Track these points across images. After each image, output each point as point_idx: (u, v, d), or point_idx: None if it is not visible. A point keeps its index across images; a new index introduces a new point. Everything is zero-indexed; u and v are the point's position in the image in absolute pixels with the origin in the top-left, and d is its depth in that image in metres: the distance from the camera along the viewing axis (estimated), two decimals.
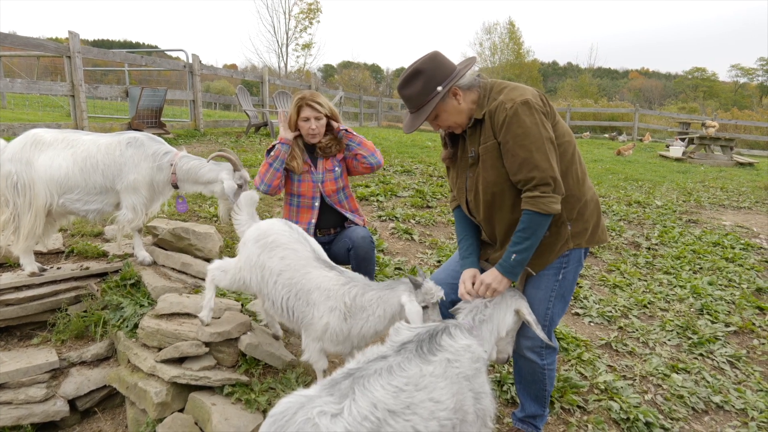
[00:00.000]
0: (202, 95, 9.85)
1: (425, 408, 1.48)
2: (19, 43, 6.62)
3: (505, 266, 1.97)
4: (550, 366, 2.21)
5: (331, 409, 1.34)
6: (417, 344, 1.65)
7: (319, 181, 3.15)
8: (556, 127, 2.00)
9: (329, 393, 1.40)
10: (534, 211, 1.87)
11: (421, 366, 1.57)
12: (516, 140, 1.88)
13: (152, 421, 2.58)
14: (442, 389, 1.56)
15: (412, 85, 1.99)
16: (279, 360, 2.70)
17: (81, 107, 6.93)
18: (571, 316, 3.77)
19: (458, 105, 2.01)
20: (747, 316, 3.88)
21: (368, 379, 1.45)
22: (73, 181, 3.17)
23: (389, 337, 1.73)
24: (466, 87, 2.02)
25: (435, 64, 1.98)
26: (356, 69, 52.74)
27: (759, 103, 42.22)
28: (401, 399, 1.45)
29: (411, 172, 7.36)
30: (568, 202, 2.02)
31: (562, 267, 2.09)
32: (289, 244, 2.38)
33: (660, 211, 6.58)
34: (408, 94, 2.01)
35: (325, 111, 3.05)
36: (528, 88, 1.98)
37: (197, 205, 4.81)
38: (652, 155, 14.03)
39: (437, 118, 2.05)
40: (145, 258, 3.50)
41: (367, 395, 1.40)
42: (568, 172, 2.02)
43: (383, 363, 1.54)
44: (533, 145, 1.86)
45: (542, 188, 1.86)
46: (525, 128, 1.86)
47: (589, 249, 2.19)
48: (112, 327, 3.06)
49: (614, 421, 2.63)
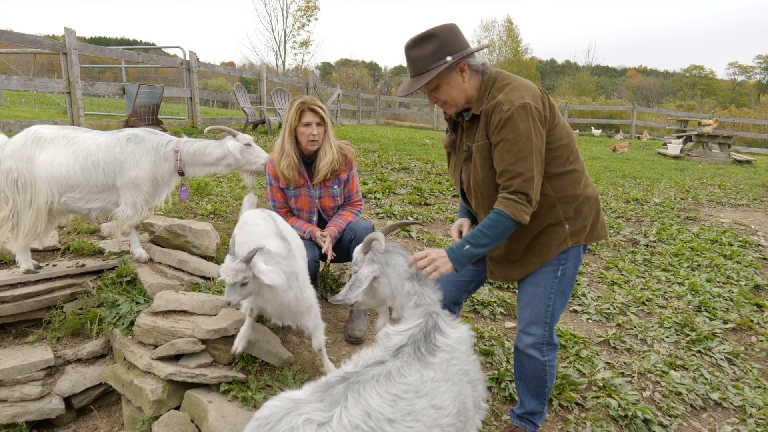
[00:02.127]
0: (199, 92, 9.81)
1: (428, 415, 1.41)
2: (15, 39, 6.57)
3: (455, 252, 1.88)
4: (551, 362, 2.21)
5: (319, 417, 1.25)
6: (413, 347, 1.58)
7: (317, 197, 3.14)
8: (556, 128, 1.98)
9: (320, 399, 1.32)
10: (505, 213, 1.85)
11: (422, 371, 1.49)
12: (505, 144, 1.86)
13: (148, 419, 2.57)
14: (444, 394, 1.49)
15: (423, 46, 1.90)
16: (276, 357, 2.69)
17: (77, 104, 6.89)
18: (570, 313, 3.76)
19: (462, 83, 1.96)
20: (745, 313, 3.87)
21: (364, 386, 1.37)
22: (74, 179, 3.15)
23: (381, 342, 1.64)
24: (474, 68, 1.96)
25: (452, 33, 1.91)
26: (354, 67, 52.65)
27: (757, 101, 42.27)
28: (400, 407, 1.37)
29: (409, 169, 7.34)
30: (565, 202, 2.02)
31: (561, 264, 2.08)
32: (256, 222, 2.63)
33: (658, 209, 6.58)
34: (415, 55, 1.91)
35: (326, 117, 3.00)
36: (530, 88, 1.93)
37: (194, 203, 4.79)
38: (650, 153, 14.04)
39: (437, 89, 1.98)
40: (141, 255, 3.48)
41: (361, 403, 1.32)
42: (567, 173, 2.01)
43: (381, 368, 1.46)
44: (521, 153, 1.84)
45: (519, 196, 1.85)
46: (516, 134, 1.84)
47: (588, 245, 2.18)
48: (108, 324, 3.04)
49: (612, 419, 2.62)
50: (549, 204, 2.02)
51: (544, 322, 2.11)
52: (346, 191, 3.22)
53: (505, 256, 2.17)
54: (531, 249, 2.09)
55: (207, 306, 2.89)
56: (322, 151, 3.05)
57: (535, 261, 2.08)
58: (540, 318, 2.11)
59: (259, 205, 3.14)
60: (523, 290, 2.18)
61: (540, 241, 2.07)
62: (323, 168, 3.02)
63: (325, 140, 3.05)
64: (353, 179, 3.23)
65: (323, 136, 3.03)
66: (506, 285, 4.04)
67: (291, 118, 2.97)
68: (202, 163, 3.37)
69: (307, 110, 2.94)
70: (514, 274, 2.17)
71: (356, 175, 3.26)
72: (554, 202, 2.02)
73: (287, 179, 3.05)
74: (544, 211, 2.02)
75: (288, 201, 3.20)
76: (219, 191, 5.30)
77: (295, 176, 3.05)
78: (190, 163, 3.35)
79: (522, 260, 2.12)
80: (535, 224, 2.03)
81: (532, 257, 2.08)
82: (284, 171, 3.02)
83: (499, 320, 3.55)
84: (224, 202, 4.95)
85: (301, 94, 8.73)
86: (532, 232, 2.06)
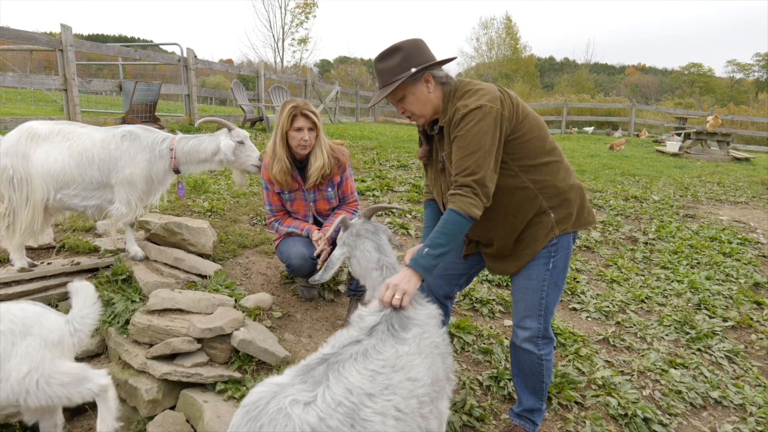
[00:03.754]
0: (197, 90, 9.76)
1: (404, 388, 1.48)
2: (11, 36, 6.51)
3: (417, 261, 1.88)
4: (548, 357, 2.21)
5: (304, 397, 1.32)
6: (387, 324, 1.66)
7: (311, 200, 3.14)
8: (525, 122, 2.01)
9: (302, 380, 1.38)
10: (455, 210, 1.85)
11: (396, 347, 1.58)
12: (456, 142, 1.92)
13: (143, 419, 2.54)
14: (418, 366, 1.57)
15: (389, 59, 1.99)
16: (272, 356, 2.66)
17: (74, 101, 6.84)
18: (569, 312, 3.74)
19: (427, 93, 2.02)
20: (745, 310, 3.86)
21: (343, 365, 1.44)
22: (69, 176, 3.11)
23: (355, 323, 1.72)
24: (438, 80, 2.02)
25: (416, 47, 1.99)
26: (353, 64, 52.56)
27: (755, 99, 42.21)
28: (378, 382, 1.44)
29: (407, 166, 7.32)
30: (545, 192, 2.05)
31: (552, 256, 2.10)
32: None
33: (657, 206, 6.56)
34: (382, 68, 2.00)
35: (318, 122, 2.97)
36: (488, 91, 1.96)
37: (191, 200, 4.75)
38: (648, 150, 14.03)
39: (403, 99, 2.03)
40: (137, 253, 3.44)
41: (342, 381, 1.39)
42: (545, 164, 2.05)
43: (358, 347, 1.53)
44: (468, 149, 1.88)
45: (464, 189, 1.87)
46: (466, 131, 1.89)
47: (577, 233, 2.21)
48: (103, 323, 3.01)
49: (612, 417, 2.61)
50: (530, 196, 2.05)
51: (538, 315, 2.13)
52: (341, 193, 3.21)
53: (498, 252, 2.20)
54: (520, 242, 2.13)
55: (203, 304, 2.86)
56: (313, 156, 3.02)
57: (526, 252, 2.11)
58: (534, 311, 2.13)
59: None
60: (515, 284, 2.20)
61: (527, 233, 2.10)
62: (313, 174, 3.01)
63: (316, 145, 3.01)
64: (347, 181, 3.20)
65: (315, 141, 3.00)
66: (505, 283, 4.02)
67: (283, 122, 2.93)
68: (196, 160, 3.34)
69: (300, 115, 2.91)
70: (510, 267, 2.19)
71: (350, 176, 3.23)
72: (535, 194, 2.05)
73: (280, 184, 3.04)
74: (526, 204, 2.06)
75: (284, 204, 3.19)
76: (216, 189, 5.27)
77: (288, 180, 3.03)
78: (185, 161, 3.32)
79: (514, 254, 2.15)
80: (520, 217, 2.08)
81: (522, 249, 2.12)
82: (277, 176, 3.00)
83: (497, 318, 3.53)
84: (221, 199, 4.92)
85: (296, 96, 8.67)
86: (520, 225, 2.10)
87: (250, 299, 3.06)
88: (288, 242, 3.12)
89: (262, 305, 3.05)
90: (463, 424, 2.46)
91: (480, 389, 2.75)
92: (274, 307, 3.16)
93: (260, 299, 3.07)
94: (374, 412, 1.38)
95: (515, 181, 2.03)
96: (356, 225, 2.13)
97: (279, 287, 3.46)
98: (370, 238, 2.07)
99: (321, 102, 13.72)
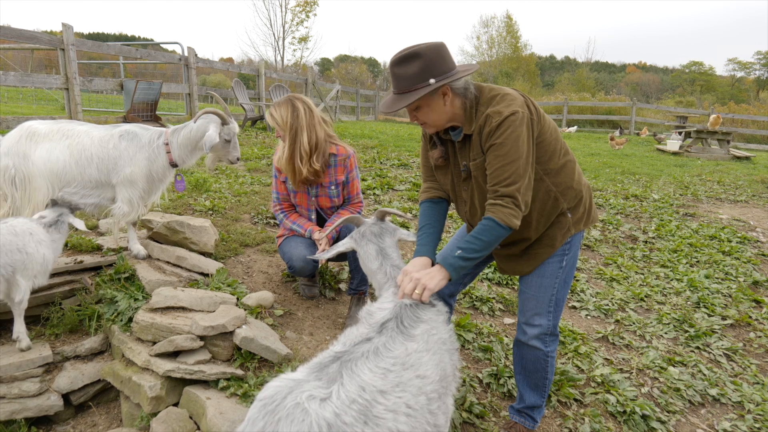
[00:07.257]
0: (198, 88, 9.78)
1: (413, 385, 1.52)
2: (12, 35, 6.53)
3: (447, 259, 1.89)
4: (553, 354, 2.24)
5: (320, 393, 1.35)
6: (396, 321, 1.69)
7: (313, 195, 3.16)
8: (545, 126, 2.01)
9: (317, 377, 1.42)
10: (494, 220, 1.86)
11: (405, 344, 1.61)
12: (494, 150, 1.88)
13: (147, 416, 2.56)
14: (427, 363, 1.60)
15: (408, 65, 1.88)
16: (274, 354, 2.68)
17: (75, 100, 6.86)
18: (568, 309, 3.76)
19: (443, 106, 1.95)
20: (743, 309, 3.88)
21: (356, 363, 1.48)
22: (70, 174, 3.14)
23: (365, 319, 1.75)
24: (457, 91, 1.95)
25: (437, 54, 1.88)
26: (353, 63, 52.52)
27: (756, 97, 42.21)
28: (390, 379, 1.47)
29: (408, 165, 7.33)
30: (565, 194, 2.07)
31: (565, 254, 2.13)
32: None
33: (657, 205, 6.57)
34: (399, 73, 1.89)
35: (280, 122, 2.97)
36: (515, 96, 1.94)
37: (192, 199, 4.78)
38: (649, 149, 14.03)
39: (418, 109, 1.97)
40: (139, 251, 3.47)
41: (355, 379, 1.42)
42: (564, 166, 2.06)
43: (369, 345, 1.56)
44: (507, 158, 1.85)
45: (505, 200, 1.86)
46: (504, 139, 1.86)
47: (584, 230, 2.25)
48: (107, 321, 3.03)
49: (611, 414, 2.63)
50: (553, 198, 2.06)
51: (548, 312, 2.15)
52: (346, 192, 3.21)
53: (515, 253, 2.20)
54: (538, 242, 2.14)
55: (205, 302, 2.89)
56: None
57: (542, 252, 2.12)
58: (544, 308, 2.16)
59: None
60: (526, 282, 2.20)
61: (546, 233, 2.12)
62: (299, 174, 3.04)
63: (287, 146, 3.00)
64: (353, 182, 3.20)
65: (285, 140, 2.99)
66: (505, 281, 4.04)
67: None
68: (190, 149, 3.35)
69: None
70: (526, 267, 2.18)
71: (357, 177, 3.23)
72: (557, 196, 2.06)
73: (284, 172, 3.08)
74: (549, 207, 2.07)
75: (289, 195, 3.21)
76: (218, 187, 5.29)
77: (290, 170, 3.06)
78: (180, 153, 3.34)
79: (530, 254, 2.16)
80: (544, 221, 2.09)
81: (539, 249, 2.13)
82: (280, 164, 3.05)
83: (498, 316, 3.55)
84: (223, 198, 4.94)
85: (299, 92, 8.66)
86: (542, 228, 2.11)
87: (251, 297, 3.08)
88: (291, 243, 3.14)
89: (264, 303, 3.07)
90: (464, 421, 2.48)
91: (480, 386, 2.78)
92: (276, 305, 3.18)
93: (262, 297, 3.09)
94: (386, 409, 1.41)
95: (541, 184, 2.03)
96: (366, 225, 2.19)
97: (280, 285, 3.48)
98: (373, 241, 2.11)
99: (321, 100, 13.73)
